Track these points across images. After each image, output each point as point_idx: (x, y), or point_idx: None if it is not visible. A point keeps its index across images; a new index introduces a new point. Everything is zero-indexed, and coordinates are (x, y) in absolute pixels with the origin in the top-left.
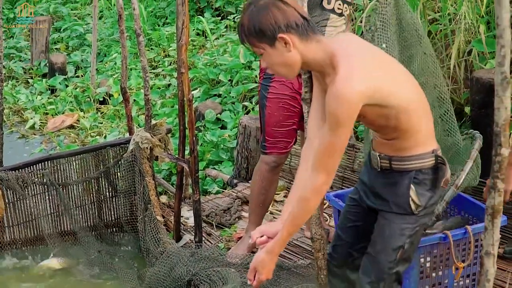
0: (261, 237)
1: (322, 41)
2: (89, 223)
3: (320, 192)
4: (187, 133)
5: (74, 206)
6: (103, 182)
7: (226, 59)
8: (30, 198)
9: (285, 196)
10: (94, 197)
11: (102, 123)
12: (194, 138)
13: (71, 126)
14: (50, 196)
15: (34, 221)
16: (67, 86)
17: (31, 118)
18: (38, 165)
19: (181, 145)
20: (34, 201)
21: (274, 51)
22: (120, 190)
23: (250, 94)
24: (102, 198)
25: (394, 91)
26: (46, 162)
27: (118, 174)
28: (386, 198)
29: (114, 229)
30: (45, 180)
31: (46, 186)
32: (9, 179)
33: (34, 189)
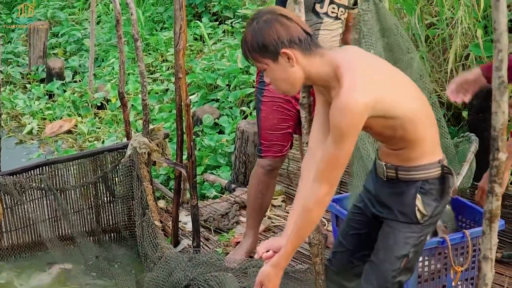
0: (266, 252)
1: (326, 54)
2: (87, 228)
3: (323, 203)
4: (185, 138)
5: (72, 211)
6: (101, 187)
7: (224, 64)
8: (28, 203)
9: (283, 201)
10: (92, 202)
11: (100, 128)
12: (192, 143)
13: (69, 131)
14: (48, 201)
15: (32, 226)
16: (65, 91)
17: (29, 123)
18: (36, 170)
19: (179, 150)
20: (32, 206)
21: (277, 67)
22: (118, 195)
23: (248, 99)
24: (100, 203)
25: (398, 102)
26: (44, 167)
27: (116, 179)
28: (392, 207)
29: (112, 234)
30: (43, 185)
31: (44, 191)
32: (6, 184)
33: (32, 194)
